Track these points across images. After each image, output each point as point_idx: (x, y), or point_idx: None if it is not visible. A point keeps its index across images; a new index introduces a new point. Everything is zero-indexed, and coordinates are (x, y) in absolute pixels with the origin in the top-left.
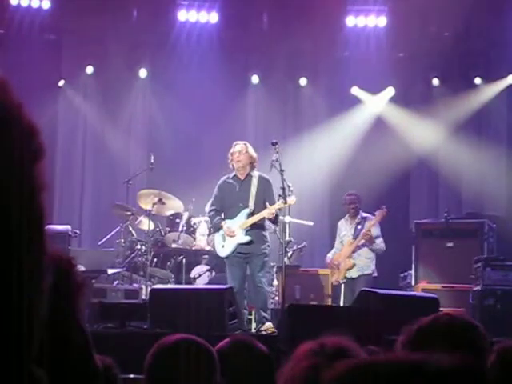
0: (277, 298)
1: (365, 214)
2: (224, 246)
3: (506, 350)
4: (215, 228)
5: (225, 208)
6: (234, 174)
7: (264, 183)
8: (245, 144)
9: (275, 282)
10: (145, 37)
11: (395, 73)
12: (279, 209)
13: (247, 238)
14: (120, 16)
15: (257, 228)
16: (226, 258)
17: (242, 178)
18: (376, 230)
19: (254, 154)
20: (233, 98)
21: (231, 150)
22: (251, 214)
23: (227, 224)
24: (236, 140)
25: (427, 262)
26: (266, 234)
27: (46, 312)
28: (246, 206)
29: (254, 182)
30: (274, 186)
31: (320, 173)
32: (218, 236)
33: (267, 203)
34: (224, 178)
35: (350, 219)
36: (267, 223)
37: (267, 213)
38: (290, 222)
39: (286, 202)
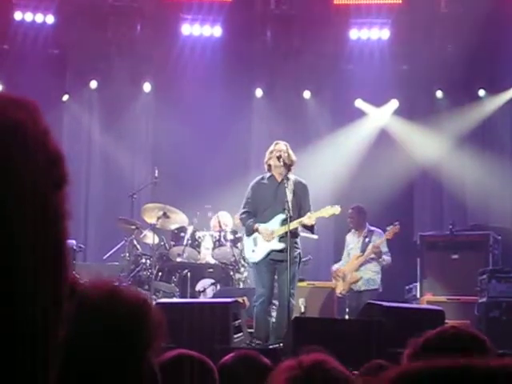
0: None
1: (372, 228)
2: (255, 251)
3: None
4: (248, 231)
5: (258, 210)
6: (269, 175)
7: (300, 188)
8: (286, 144)
9: None
10: (149, 51)
11: (399, 85)
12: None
13: (282, 245)
14: (124, 30)
15: (291, 234)
16: (256, 263)
17: (279, 181)
18: (384, 246)
19: (294, 157)
20: (237, 112)
21: (272, 148)
22: (285, 220)
23: (261, 229)
24: (240, 153)
25: (432, 274)
26: (298, 240)
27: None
28: (282, 211)
29: (291, 185)
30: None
31: (324, 186)
32: (248, 240)
33: (310, 211)
34: (258, 178)
35: (357, 232)
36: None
37: (307, 220)
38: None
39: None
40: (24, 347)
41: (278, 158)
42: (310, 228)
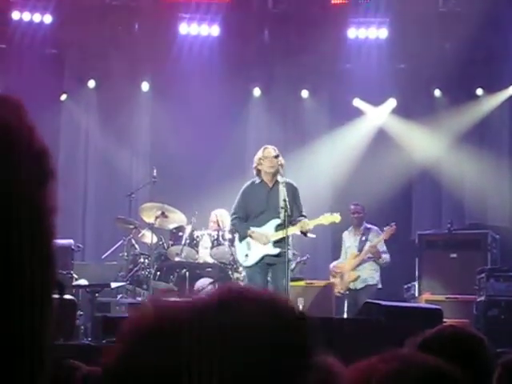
0: None
1: (369, 225)
2: (248, 255)
3: None
4: (242, 237)
5: (250, 216)
6: (260, 179)
7: (292, 190)
8: (274, 149)
9: None
10: (146, 50)
11: (397, 84)
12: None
13: (277, 251)
14: (122, 30)
15: (286, 239)
16: (249, 266)
17: (271, 185)
18: (381, 245)
19: (283, 161)
20: (235, 111)
21: (261, 155)
22: (280, 226)
23: (256, 233)
24: (238, 152)
25: (431, 273)
26: (290, 240)
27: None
28: (276, 216)
29: (282, 189)
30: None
31: (322, 185)
32: (240, 244)
33: (302, 211)
34: (249, 183)
35: (354, 230)
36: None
37: (305, 227)
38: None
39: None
40: (23, 346)
41: (282, 165)
42: (305, 233)
